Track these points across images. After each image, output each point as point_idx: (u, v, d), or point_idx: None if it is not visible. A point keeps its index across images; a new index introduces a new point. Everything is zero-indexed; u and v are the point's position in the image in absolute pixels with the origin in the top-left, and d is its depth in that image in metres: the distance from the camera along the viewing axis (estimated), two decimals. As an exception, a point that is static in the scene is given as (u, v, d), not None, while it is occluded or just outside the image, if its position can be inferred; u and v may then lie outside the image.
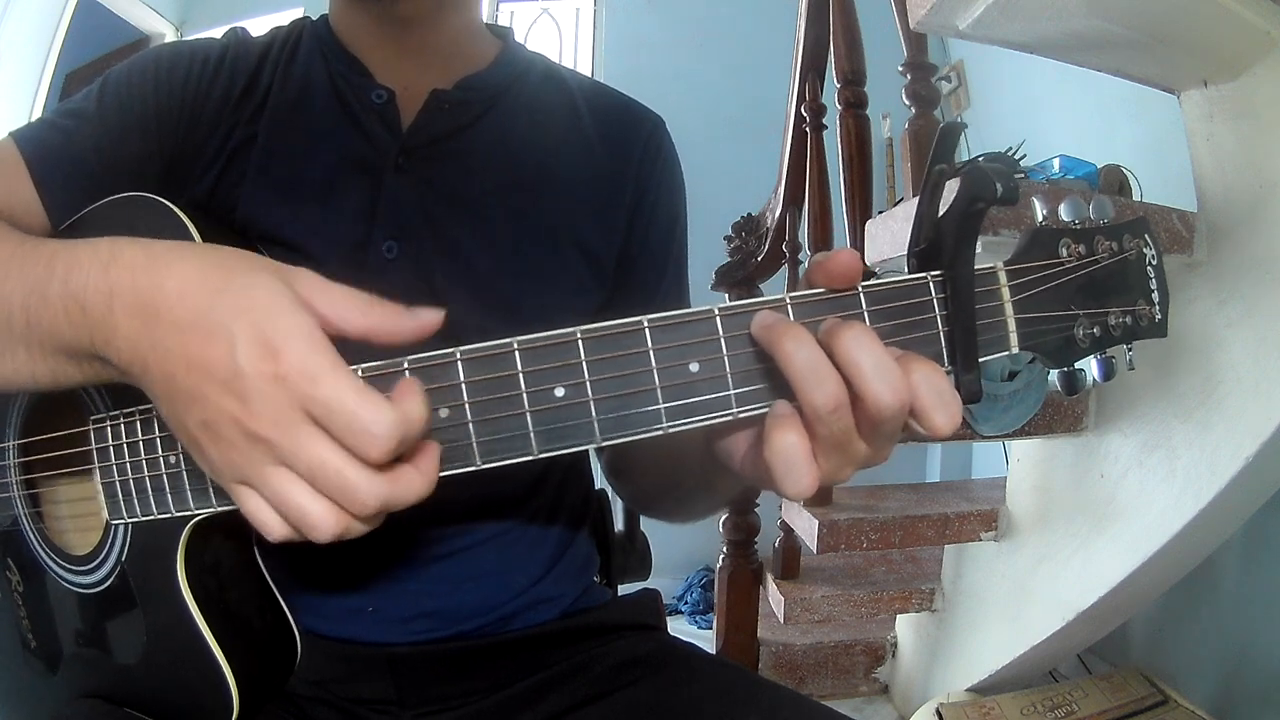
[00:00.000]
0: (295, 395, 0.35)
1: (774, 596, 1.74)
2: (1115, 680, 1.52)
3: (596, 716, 0.63)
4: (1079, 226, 0.43)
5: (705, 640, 2.08)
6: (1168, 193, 1.21)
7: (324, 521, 0.37)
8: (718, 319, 0.40)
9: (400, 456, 0.37)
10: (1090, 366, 0.44)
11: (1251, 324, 1.07)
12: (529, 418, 0.40)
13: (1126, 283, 0.44)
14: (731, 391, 0.40)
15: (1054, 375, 0.44)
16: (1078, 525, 1.37)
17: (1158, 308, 0.45)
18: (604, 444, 0.40)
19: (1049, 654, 1.50)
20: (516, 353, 0.40)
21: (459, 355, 0.40)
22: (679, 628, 2.75)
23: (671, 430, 0.40)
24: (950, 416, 0.38)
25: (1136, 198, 1.36)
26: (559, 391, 0.40)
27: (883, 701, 1.91)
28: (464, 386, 0.40)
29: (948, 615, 1.70)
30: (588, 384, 0.40)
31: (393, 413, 0.35)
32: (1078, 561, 1.36)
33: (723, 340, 0.40)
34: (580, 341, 0.40)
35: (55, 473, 0.56)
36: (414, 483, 0.37)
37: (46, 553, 0.60)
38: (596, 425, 0.40)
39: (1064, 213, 0.44)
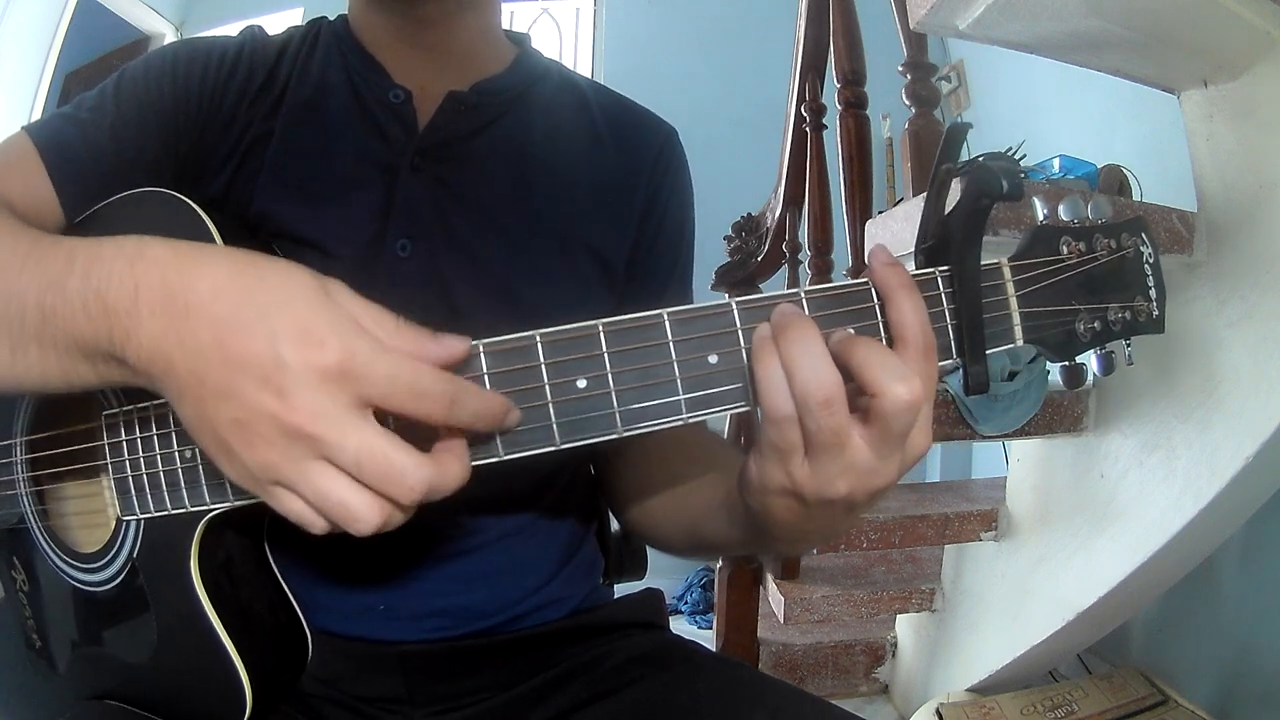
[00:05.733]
0: (344, 382, 0.36)
1: (774, 596, 1.74)
2: (1115, 680, 1.52)
3: (603, 714, 0.63)
4: (1078, 225, 0.45)
5: (705, 640, 2.06)
6: (1168, 193, 1.21)
7: (368, 513, 0.37)
8: (735, 312, 0.41)
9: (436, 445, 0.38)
10: (1091, 362, 0.45)
11: (1251, 324, 1.07)
12: (551, 409, 0.40)
13: (1125, 280, 0.45)
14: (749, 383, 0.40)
15: (1056, 371, 0.45)
16: (1078, 525, 1.37)
17: (1155, 304, 0.46)
18: (625, 434, 0.41)
19: (1049, 654, 1.50)
20: (539, 345, 0.40)
21: (481, 347, 0.40)
22: (679, 628, 2.75)
23: (691, 420, 0.41)
24: (911, 390, 0.37)
25: (1136, 198, 1.37)
26: (581, 383, 0.40)
27: (883, 701, 1.91)
28: (486, 378, 0.40)
29: (948, 615, 1.70)
30: (609, 375, 0.40)
31: (449, 377, 0.37)
32: (1078, 561, 1.36)
33: (740, 333, 0.41)
34: (602, 334, 0.40)
35: (64, 469, 0.56)
36: (454, 467, 0.38)
37: (53, 550, 0.59)
38: (618, 416, 0.41)
39: (1063, 212, 0.45)
